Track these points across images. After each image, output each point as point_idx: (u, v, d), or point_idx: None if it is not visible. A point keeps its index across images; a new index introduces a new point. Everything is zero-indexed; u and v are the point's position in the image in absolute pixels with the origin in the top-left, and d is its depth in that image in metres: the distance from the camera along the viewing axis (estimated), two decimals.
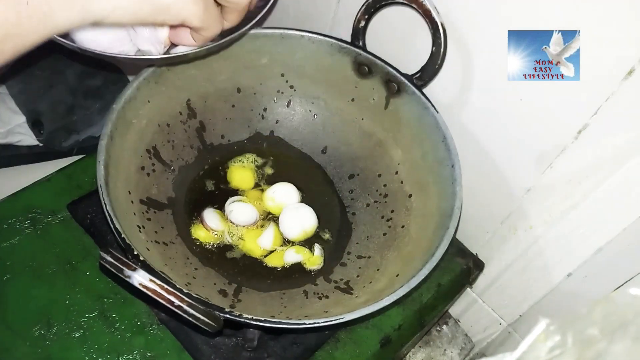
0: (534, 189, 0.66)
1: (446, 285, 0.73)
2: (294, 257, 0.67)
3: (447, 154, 0.62)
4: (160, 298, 0.44)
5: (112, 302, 0.62)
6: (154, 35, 0.56)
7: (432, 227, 0.61)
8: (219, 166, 0.73)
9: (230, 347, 0.62)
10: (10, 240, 0.64)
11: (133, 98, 0.62)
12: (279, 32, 0.69)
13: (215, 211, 0.68)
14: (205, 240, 0.66)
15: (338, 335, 0.65)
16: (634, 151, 0.55)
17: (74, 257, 0.64)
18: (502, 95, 0.62)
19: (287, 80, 0.74)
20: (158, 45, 0.57)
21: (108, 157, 0.57)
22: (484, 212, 0.74)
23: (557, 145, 0.60)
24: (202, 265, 0.64)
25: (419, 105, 0.66)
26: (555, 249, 0.68)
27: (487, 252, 0.77)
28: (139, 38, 0.56)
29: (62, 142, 0.86)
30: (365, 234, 0.70)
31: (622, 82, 0.51)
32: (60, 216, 0.67)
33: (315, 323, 0.50)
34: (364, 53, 0.68)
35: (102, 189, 0.53)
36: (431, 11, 0.60)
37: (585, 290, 0.68)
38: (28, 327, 0.59)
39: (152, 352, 0.59)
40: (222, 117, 0.74)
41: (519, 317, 0.80)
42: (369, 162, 0.73)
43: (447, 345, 0.91)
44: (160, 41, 0.57)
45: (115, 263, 0.43)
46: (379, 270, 0.63)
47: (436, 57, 0.63)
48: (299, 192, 0.72)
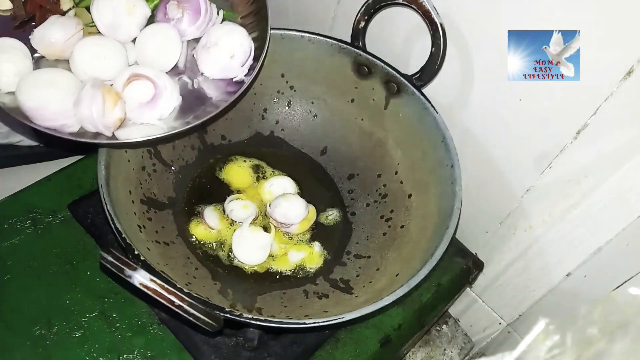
0: (534, 189, 0.66)
1: (446, 285, 0.73)
2: (297, 255, 0.67)
3: (447, 154, 0.62)
4: (160, 298, 0.44)
5: (113, 301, 0.62)
6: (100, 119, 0.52)
7: (431, 227, 0.61)
8: (219, 166, 0.74)
9: (231, 347, 0.62)
10: (11, 240, 0.64)
11: None
12: (279, 33, 0.69)
13: (215, 210, 0.69)
14: (203, 239, 0.66)
15: (338, 335, 0.65)
16: (633, 151, 0.55)
17: (75, 257, 0.65)
18: (502, 95, 0.62)
19: (287, 80, 0.74)
20: (103, 128, 0.53)
21: (109, 157, 0.57)
22: (483, 212, 0.74)
23: (557, 145, 0.60)
24: (202, 265, 0.64)
25: (418, 105, 0.66)
26: (555, 249, 0.68)
27: (486, 252, 0.77)
28: (83, 118, 0.52)
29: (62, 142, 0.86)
30: (365, 234, 0.70)
31: (621, 82, 0.51)
32: (61, 216, 0.67)
33: (315, 323, 0.50)
34: (363, 53, 0.68)
35: (103, 189, 0.53)
36: (431, 12, 0.60)
37: (585, 290, 0.68)
38: (28, 327, 0.59)
39: (153, 352, 0.60)
40: (223, 117, 0.74)
41: (518, 317, 0.80)
42: (369, 162, 0.73)
43: (447, 345, 0.91)
44: (108, 125, 0.53)
45: (115, 263, 0.43)
46: (378, 270, 0.64)
47: (436, 57, 0.63)
48: (295, 184, 0.72)
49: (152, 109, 0.56)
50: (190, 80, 0.61)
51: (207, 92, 0.60)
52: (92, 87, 0.52)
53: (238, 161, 0.74)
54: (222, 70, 0.60)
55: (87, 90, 0.52)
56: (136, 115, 0.56)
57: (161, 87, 0.56)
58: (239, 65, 0.60)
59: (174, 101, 0.57)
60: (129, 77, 0.56)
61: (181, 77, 0.61)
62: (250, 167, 0.74)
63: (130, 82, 0.56)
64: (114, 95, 0.54)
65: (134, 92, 0.55)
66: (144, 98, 0.56)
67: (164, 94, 0.56)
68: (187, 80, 0.61)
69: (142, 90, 0.56)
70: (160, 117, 0.57)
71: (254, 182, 0.73)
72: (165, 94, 0.56)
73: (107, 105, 0.52)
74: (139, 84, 0.56)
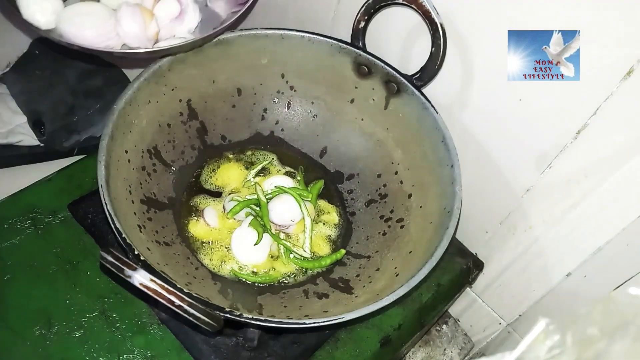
0: (534, 189, 0.66)
1: (446, 285, 0.73)
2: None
3: (447, 154, 0.62)
4: (160, 298, 0.44)
5: (113, 301, 0.62)
6: (142, 32, 0.59)
7: (431, 227, 0.61)
8: (219, 166, 0.74)
9: (231, 347, 0.62)
10: (11, 240, 0.64)
11: (134, 98, 0.62)
12: (279, 33, 0.69)
13: (215, 209, 0.69)
14: (201, 238, 0.66)
15: (338, 335, 0.65)
16: (633, 151, 0.55)
17: (75, 257, 0.65)
18: (501, 96, 0.62)
19: (287, 80, 0.74)
20: (146, 41, 0.60)
21: (109, 157, 0.57)
22: (483, 212, 0.74)
23: (557, 145, 0.60)
24: (202, 265, 0.64)
25: (418, 105, 0.66)
26: (555, 248, 0.68)
27: (486, 252, 0.77)
28: (127, 34, 0.59)
29: (62, 142, 0.86)
30: (365, 234, 0.70)
31: (621, 82, 0.51)
32: (61, 216, 0.67)
33: (315, 323, 0.50)
34: (363, 53, 0.69)
35: (103, 189, 0.53)
36: (431, 12, 0.60)
37: (584, 290, 0.68)
38: (28, 326, 0.59)
39: (153, 352, 0.60)
40: (223, 117, 0.74)
41: (518, 317, 0.80)
42: (369, 162, 0.73)
43: (447, 345, 0.91)
44: (149, 38, 0.60)
45: (115, 263, 0.43)
46: (378, 270, 0.64)
47: (436, 57, 0.63)
48: (295, 184, 0.72)
49: (181, 23, 0.65)
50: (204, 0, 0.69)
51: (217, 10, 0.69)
52: (130, 7, 0.60)
53: (235, 160, 0.74)
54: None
55: (125, 10, 0.59)
56: (168, 30, 0.64)
57: (185, 4, 0.64)
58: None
59: (197, 17, 0.66)
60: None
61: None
62: (241, 165, 0.74)
63: (158, 1, 0.64)
64: (149, 12, 0.62)
65: (163, 9, 0.64)
66: (173, 14, 0.64)
67: (188, 10, 0.65)
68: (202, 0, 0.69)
69: (170, 7, 0.64)
70: (189, 30, 0.65)
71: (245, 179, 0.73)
72: (189, 11, 0.65)
73: (145, 20, 0.59)
74: (166, 1, 0.64)
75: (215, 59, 0.68)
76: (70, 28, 0.58)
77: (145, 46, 0.60)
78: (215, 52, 0.67)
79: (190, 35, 0.65)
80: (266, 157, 0.75)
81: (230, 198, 0.69)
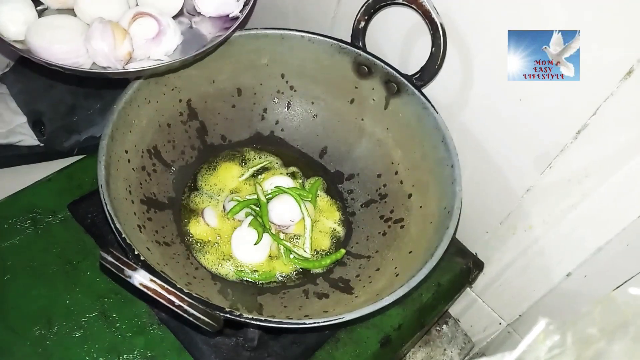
0: (534, 189, 0.66)
1: (446, 285, 0.73)
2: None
3: (447, 154, 0.62)
4: (160, 298, 0.44)
5: (113, 302, 0.62)
6: (112, 51, 0.56)
7: (431, 227, 0.61)
8: (219, 166, 0.74)
9: (231, 347, 0.62)
10: (11, 240, 0.64)
11: (134, 98, 0.62)
12: (279, 33, 0.69)
13: (214, 209, 0.69)
14: (201, 238, 0.66)
15: (338, 335, 0.65)
16: (633, 151, 0.55)
17: (75, 257, 0.65)
18: (502, 95, 0.62)
19: (287, 80, 0.74)
20: (115, 61, 0.56)
21: (109, 157, 0.57)
22: (483, 212, 0.74)
23: (557, 145, 0.60)
24: (202, 265, 0.64)
25: (418, 105, 0.66)
26: (555, 249, 0.68)
27: (486, 252, 0.77)
28: (96, 53, 0.56)
29: (63, 142, 0.86)
30: (365, 234, 0.70)
31: (621, 82, 0.51)
32: (60, 216, 0.67)
33: (315, 323, 0.50)
34: (363, 53, 0.68)
35: (103, 189, 0.53)
36: (431, 12, 0.60)
37: (584, 290, 0.68)
38: (28, 327, 0.59)
39: (153, 352, 0.60)
40: (223, 117, 0.74)
41: (518, 317, 0.80)
42: (369, 162, 0.73)
43: (447, 345, 0.91)
44: (119, 58, 0.57)
45: (115, 263, 0.43)
46: (378, 270, 0.64)
47: (436, 57, 0.63)
48: (295, 184, 0.72)
49: (158, 44, 0.60)
50: (189, 20, 0.65)
51: (203, 32, 0.65)
52: (101, 24, 0.56)
53: (233, 160, 0.74)
54: (219, 7, 0.64)
55: (96, 26, 0.56)
56: (143, 51, 0.60)
57: (164, 24, 0.60)
58: (235, 1, 0.64)
59: (176, 39, 0.61)
60: (134, 15, 0.59)
61: (180, 18, 0.65)
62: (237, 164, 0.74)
63: (135, 19, 0.60)
64: (122, 30, 0.58)
65: (139, 28, 0.59)
66: (149, 34, 0.59)
67: (168, 31, 0.60)
68: (186, 21, 0.65)
69: (147, 27, 0.60)
70: (166, 53, 0.61)
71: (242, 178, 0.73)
72: (168, 32, 0.60)
73: (116, 39, 0.56)
74: (143, 21, 0.60)
75: (215, 59, 0.68)
76: (38, 41, 0.55)
77: (114, 67, 0.57)
78: (215, 52, 0.67)
79: (167, 57, 0.61)
80: (266, 158, 0.75)
81: (230, 198, 0.70)
